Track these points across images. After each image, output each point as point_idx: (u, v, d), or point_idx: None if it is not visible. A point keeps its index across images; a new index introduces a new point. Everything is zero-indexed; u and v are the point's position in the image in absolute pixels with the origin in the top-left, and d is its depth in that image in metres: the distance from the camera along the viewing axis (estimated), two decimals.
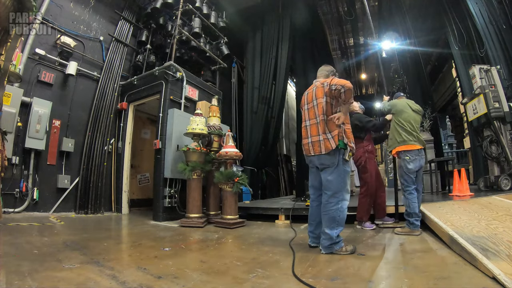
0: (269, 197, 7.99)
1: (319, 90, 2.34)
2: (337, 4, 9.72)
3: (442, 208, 3.17)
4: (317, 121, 2.31)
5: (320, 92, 2.32)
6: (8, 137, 3.37)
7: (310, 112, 2.39)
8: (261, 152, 7.04)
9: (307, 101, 2.46)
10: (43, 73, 4.56)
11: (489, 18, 5.16)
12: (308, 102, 2.44)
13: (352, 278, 1.67)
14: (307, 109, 2.43)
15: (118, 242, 3.02)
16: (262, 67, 7.41)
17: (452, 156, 8.14)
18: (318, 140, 2.28)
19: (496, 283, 1.40)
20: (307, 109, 2.44)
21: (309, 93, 2.46)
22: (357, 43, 12.11)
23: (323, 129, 2.26)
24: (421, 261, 1.95)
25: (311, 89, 2.47)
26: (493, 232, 2.10)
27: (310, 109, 2.39)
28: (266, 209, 4.44)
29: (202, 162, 4.09)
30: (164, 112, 4.76)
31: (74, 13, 5.20)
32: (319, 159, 2.30)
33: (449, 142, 9.15)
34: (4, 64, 2.29)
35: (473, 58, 5.52)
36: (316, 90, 2.36)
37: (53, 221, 3.89)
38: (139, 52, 6.21)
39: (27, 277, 1.56)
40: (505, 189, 4.05)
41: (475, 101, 4.64)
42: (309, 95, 2.45)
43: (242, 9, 7.45)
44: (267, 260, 2.08)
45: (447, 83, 10.46)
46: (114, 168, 5.47)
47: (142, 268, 1.85)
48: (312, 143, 2.34)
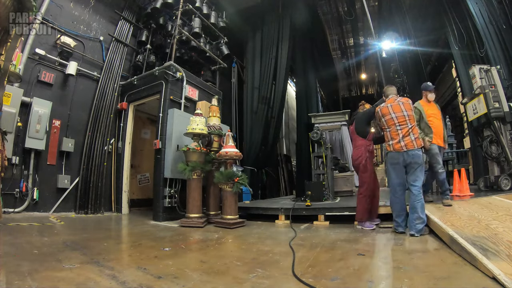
0: (269, 197, 7.99)
1: (406, 105, 2.96)
2: (337, 4, 9.73)
3: (442, 208, 3.17)
4: (409, 126, 2.90)
5: (409, 107, 2.96)
6: (8, 137, 3.36)
7: (399, 119, 2.94)
8: (261, 152, 7.05)
9: (392, 110, 2.97)
10: (43, 73, 4.56)
11: (489, 18, 5.16)
12: (395, 112, 2.96)
13: (352, 278, 1.67)
14: (396, 117, 2.95)
15: (118, 242, 3.02)
16: (262, 67, 7.42)
17: (452, 156, 8.13)
18: (411, 140, 2.86)
19: (496, 283, 1.40)
20: (395, 117, 2.95)
21: (394, 106, 2.98)
22: (357, 43, 12.12)
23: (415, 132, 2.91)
24: (421, 261, 1.95)
25: (394, 103, 2.99)
26: (493, 232, 2.10)
27: (400, 117, 2.94)
28: (266, 209, 4.44)
29: (202, 162, 4.09)
30: (164, 112, 4.76)
31: (74, 13, 5.20)
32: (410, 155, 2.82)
33: (449, 142, 9.13)
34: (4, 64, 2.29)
35: (473, 58, 5.51)
36: (404, 105, 2.97)
37: (53, 221, 3.89)
38: (139, 52, 6.21)
39: (27, 277, 1.56)
40: (505, 189, 4.04)
41: (475, 101, 4.64)
42: (395, 107, 2.97)
43: (242, 9, 7.46)
44: (267, 260, 2.08)
45: (447, 83, 10.45)
46: (114, 168, 5.47)
47: (142, 268, 1.85)
48: (405, 144, 2.86)
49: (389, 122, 2.99)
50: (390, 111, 2.99)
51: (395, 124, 2.95)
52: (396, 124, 2.94)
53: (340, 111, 8.96)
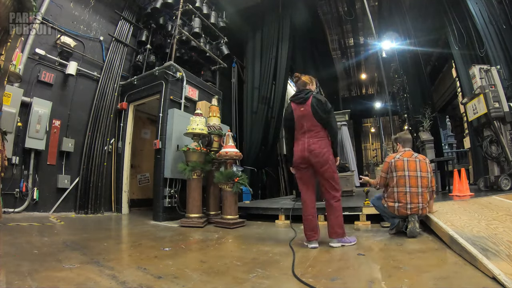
0: (269, 197, 7.99)
1: (423, 165, 2.67)
2: (337, 4, 9.74)
3: (442, 208, 3.17)
4: (419, 191, 2.61)
5: (424, 167, 2.66)
6: (8, 137, 3.36)
7: (411, 180, 2.63)
8: (261, 152, 7.05)
9: (408, 168, 2.66)
10: (43, 73, 4.56)
11: (489, 18, 5.15)
12: (409, 170, 2.66)
13: (352, 278, 1.67)
14: (408, 176, 2.64)
15: (118, 242, 3.02)
16: (262, 67, 7.42)
17: (452, 156, 8.14)
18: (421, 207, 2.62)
19: (496, 283, 1.40)
20: (408, 176, 2.64)
21: (410, 162, 2.68)
22: (357, 43, 12.13)
23: (425, 199, 2.63)
24: (421, 261, 1.95)
25: (411, 158, 2.70)
26: (493, 232, 2.10)
27: (412, 177, 2.63)
28: (266, 209, 4.44)
29: (202, 162, 4.09)
30: (164, 112, 4.76)
31: (74, 13, 5.20)
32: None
33: (449, 142, 9.15)
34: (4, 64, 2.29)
35: (473, 58, 5.51)
36: (421, 163, 2.67)
37: (53, 221, 3.89)
38: (139, 52, 6.21)
39: (27, 277, 1.56)
40: (505, 189, 4.04)
41: (475, 101, 4.64)
42: (411, 164, 2.67)
43: (242, 9, 7.46)
44: (267, 260, 2.08)
45: (447, 83, 10.46)
46: (114, 168, 5.47)
47: (142, 268, 1.85)
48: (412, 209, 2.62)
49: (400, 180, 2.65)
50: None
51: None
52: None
53: (340, 111, 8.96)
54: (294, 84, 2.90)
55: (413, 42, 6.70)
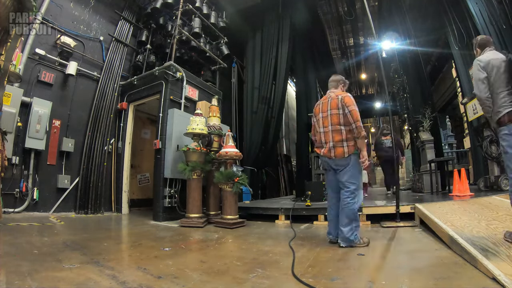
0: (269, 197, 7.99)
1: (333, 102, 2.55)
2: (337, 4, 9.73)
3: (442, 208, 3.17)
4: (330, 129, 2.54)
5: (335, 104, 2.53)
6: (8, 137, 3.37)
7: (324, 121, 2.59)
8: (261, 152, 7.04)
9: (321, 110, 2.63)
10: (43, 73, 4.55)
11: (489, 18, 5.15)
12: (322, 111, 2.62)
13: (352, 278, 1.67)
14: (322, 118, 2.61)
15: (118, 242, 3.02)
16: (262, 67, 7.42)
17: (452, 156, 8.13)
18: (331, 147, 2.51)
19: (496, 284, 1.40)
20: (321, 118, 2.62)
21: (324, 103, 2.63)
22: (357, 43, 12.11)
23: (339, 137, 2.48)
24: (421, 261, 1.95)
25: (326, 100, 2.63)
26: (493, 232, 2.11)
27: (325, 118, 2.59)
28: (266, 209, 4.44)
29: (202, 162, 4.09)
30: (164, 112, 4.76)
31: (74, 13, 5.19)
32: (334, 162, 2.51)
33: (449, 142, 9.13)
34: (4, 64, 2.29)
35: (473, 58, 5.45)
36: (331, 101, 2.57)
37: (53, 221, 3.89)
38: (139, 52, 6.21)
39: (27, 277, 1.56)
40: (505, 189, 4.04)
41: (475, 101, 4.65)
42: (323, 105, 2.62)
43: (242, 9, 7.45)
44: (267, 260, 2.08)
45: (447, 83, 10.46)
46: (114, 168, 5.47)
47: (142, 268, 1.85)
48: (329, 149, 2.53)
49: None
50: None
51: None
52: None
53: None
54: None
55: (413, 42, 6.70)
